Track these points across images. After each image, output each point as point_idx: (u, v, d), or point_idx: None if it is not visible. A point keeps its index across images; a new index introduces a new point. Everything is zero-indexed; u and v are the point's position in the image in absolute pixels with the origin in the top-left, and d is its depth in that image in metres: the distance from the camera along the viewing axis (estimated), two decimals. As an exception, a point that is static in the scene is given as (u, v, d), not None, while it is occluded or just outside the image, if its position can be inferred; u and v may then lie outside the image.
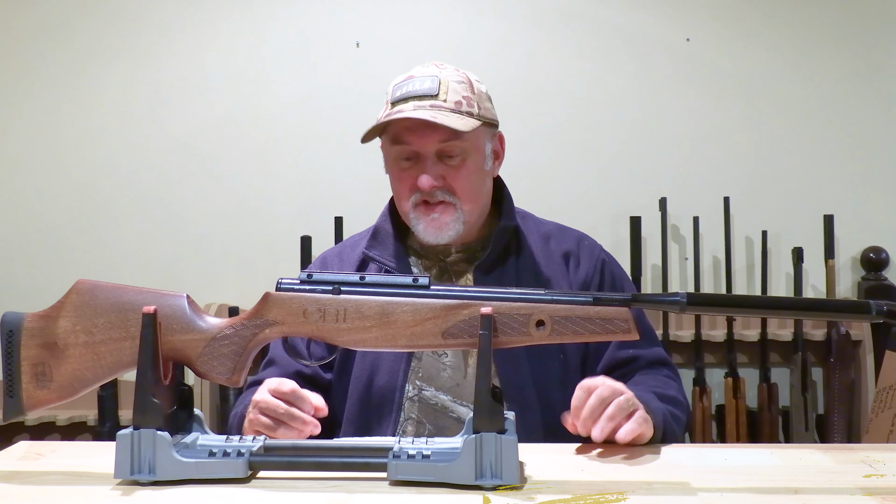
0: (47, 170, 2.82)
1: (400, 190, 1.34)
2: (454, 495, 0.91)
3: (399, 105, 1.29)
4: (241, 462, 0.95)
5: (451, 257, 1.37)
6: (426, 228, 1.31)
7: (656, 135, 2.79)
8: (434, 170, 1.29)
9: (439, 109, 1.27)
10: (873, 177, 2.78)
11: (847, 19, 2.77)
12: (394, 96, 1.31)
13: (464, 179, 1.31)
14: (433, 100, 1.27)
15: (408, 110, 1.27)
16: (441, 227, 1.31)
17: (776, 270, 2.77)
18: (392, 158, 1.34)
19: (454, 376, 1.31)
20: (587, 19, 2.79)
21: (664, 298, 0.97)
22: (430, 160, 1.29)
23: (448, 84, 1.30)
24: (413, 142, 1.29)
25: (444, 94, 1.28)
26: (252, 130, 2.81)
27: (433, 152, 1.29)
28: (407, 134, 1.29)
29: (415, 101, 1.28)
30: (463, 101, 1.29)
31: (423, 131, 1.27)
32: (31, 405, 0.99)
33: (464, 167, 1.31)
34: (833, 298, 2.62)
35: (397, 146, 1.31)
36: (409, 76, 1.32)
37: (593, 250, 1.41)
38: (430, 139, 1.28)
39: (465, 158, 1.31)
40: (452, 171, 1.30)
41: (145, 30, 2.81)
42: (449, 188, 1.30)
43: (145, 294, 0.99)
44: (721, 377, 2.69)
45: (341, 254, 1.45)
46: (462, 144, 1.29)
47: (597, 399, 1.09)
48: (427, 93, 1.28)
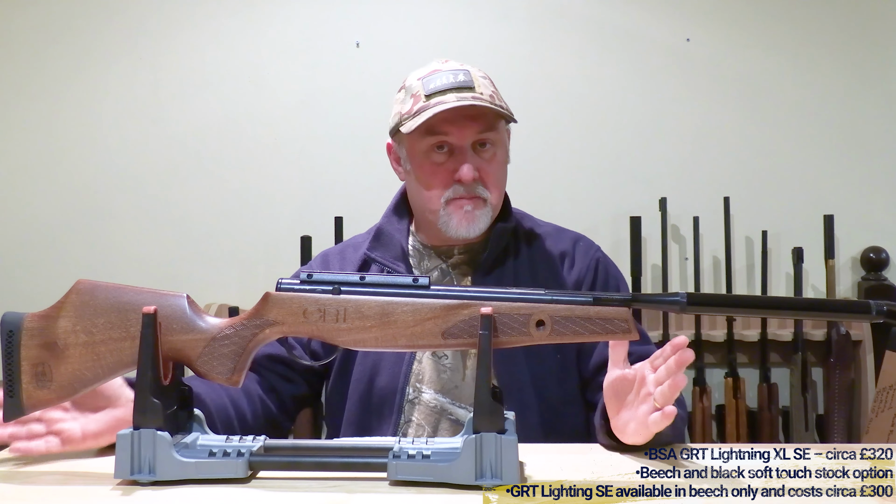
0: (47, 170, 2.82)
1: (434, 183, 1.31)
2: (454, 495, 0.91)
3: (438, 96, 1.27)
4: (241, 462, 0.95)
5: (454, 258, 1.37)
6: (459, 222, 1.30)
7: (656, 135, 2.79)
8: (473, 161, 1.29)
9: (480, 100, 1.26)
10: (873, 177, 2.78)
11: (847, 19, 2.77)
12: (428, 89, 1.28)
13: (494, 172, 1.31)
14: (472, 91, 1.27)
15: (450, 101, 1.25)
16: (473, 220, 1.30)
17: (776, 270, 2.77)
18: (422, 152, 1.30)
19: (453, 378, 1.31)
20: (587, 19, 2.79)
21: (664, 298, 0.97)
22: (467, 152, 1.28)
23: (478, 78, 1.30)
24: (452, 132, 1.27)
25: (479, 86, 1.28)
26: (252, 130, 2.81)
27: (469, 144, 1.29)
28: (445, 125, 1.27)
29: (455, 92, 1.26)
30: (493, 93, 1.30)
31: (462, 122, 1.26)
32: (31, 405, 0.99)
33: (494, 160, 1.31)
34: (833, 298, 2.63)
35: (432, 137, 1.28)
36: (435, 70, 1.31)
37: (588, 250, 1.40)
38: (470, 129, 1.27)
39: (496, 151, 1.31)
40: (485, 164, 1.30)
41: (145, 30, 2.81)
42: (482, 181, 1.30)
43: (145, 294, 0.99)
44: (721, 377, 2.69)
45: (343, 252, 1.44)
46: (495, 136, 1.30)
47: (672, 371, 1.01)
48: (465, 84, 1.27)
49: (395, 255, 1.37)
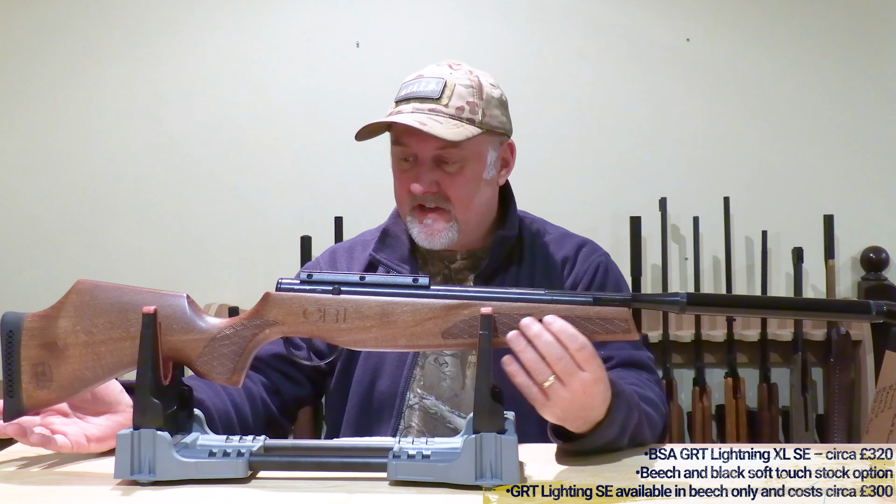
0: (47, 170, 2.83)
1: (398, 191, 1.33)
2: (454, 495, 0.91)
3: (401, 105, 1.27)
4: (241, 462, 0.95)
5: (456, 263, 1.36)
6: (419, 233, 1.30)
7: (656, 135, 2.79)
8: (429, 175, 1.27)
9: (437, 114, 1.24)
10: (873, 177, 2.78)
11: (847, 19, 2.78)
12: (399, 95, 1.29)
13: (459, 187, 1.28)
14: (434, 103, 1.24)
15: (406, 112, 1.25)
16: (433, 233, 1.29)
17: (776, 270, 2.77)
18: (395, 158, 1.32)
19: (453, 386, 1.30)
20: (587, 19, 2.80)
21: (664, 298, 0.97)
22: (426, 165, 1.27)
23: (454, 88, 1.26)
24: (411, 144, 1.27)
25: (448, 98, 1.25)
26: (252, 130, 2.81)
27: (430, 157, 1.27)
28: (405, 136, 1.27)
29: (416, 102, 1.25)
30: (466, 106, 1.25)
31: (420, 135, 1.24)
32: (31, 405, 0.99)
33: (460, 175, 1.28)
34: (833, 298, 2.63)
35: (398, 147, 1.29)
36: (419, 75, 1.30)
37: (591, 255, 1.38)
38: (428, 144, 1.25)
39: (463, 166, 1.27)
40: (448, 178, 1.27)
41: (145, 30, 2.82)
42: (444, 195, 1.28)
43: (145, 294, 0.99)
44: (721, 377, 2.69)
45: (352, 250, 1.43)
46: (460, 152, 1.26)
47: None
48: (429, 95, 1.25)
49: (401, 256, 1.37)
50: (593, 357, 0.96)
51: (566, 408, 0.96)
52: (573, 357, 0.94)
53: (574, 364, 0.94)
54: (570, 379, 0.94)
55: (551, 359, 0.94)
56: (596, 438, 1.03)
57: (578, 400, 0.96)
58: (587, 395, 0.97)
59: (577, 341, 0.94)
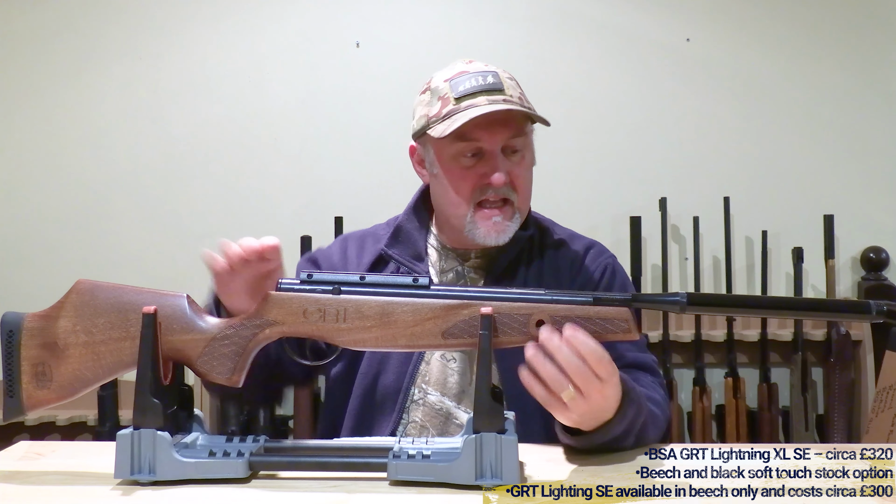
0: (47, 170, 2.83)
1: (463, 189, 1.28)
2: (454, 495, 0.91)
3: (468, 100, 1.25)
4: (241, 462, 0.95)
5: (471, 261, 1.36)
6: (488, 232, 1.27)
7: (656, 135, 2.79)
8: (503, 166, 1.27)
9: (511, 103, 1.24)
10: (873, 177, 2.78)
11: (847, 19, 2.78)
12: (457, 91, 1.26)
13: (524, 176, 1.30)
14: (502, 94, 1.25)
15: (482, 105, 1.23)
16: (502, 230, 1.28)
17: (776, 270, 2.77)
18: (451, 156, 1.28)
19: (460, 382, 1.30)
20: (587, 19, 2.80)
21: (664, 298, 0.97)
22: (498, 156, 1.26)
23: (505, 80, 1.28)
24: (483, 137, 1.25)
25: (508, 88, 1.27)
26: (252, 130, 2.81)
27: (499, 148, 1.27)
28: (476, 130, 1.24)
29: (485, 95, 1.24)
30: (522, 95, 1.29)
31: (493, 127, 1.24)
32: (31, 405, 0.99)
33: (523, 163, 1.30)
34: (833, 298, 2.63)
35: (462, 143, 1.26)
36: (462, 71, 1.28)
37: (598, 256, 1.39)
38: (501, 135, 1.25)
39: (524, 154, 1.30)
40: (515, 168, 1.28)
41: (145, 30, 2.82)
42: (512, 185, 1.28)
43: (145, 294, 0.99)
44: (721, 377, 2.69)
45: (363, 241, 1.42)
46: (524, 140, 1.29)
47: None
48: (495, 87, 1.26)
49: (414, 254, 1.36)
50: (610, 365, 0.97)
51: (583, 413, 0.98)
52: (593, 370, 0.95)
53: (593, 375, 0.95)
54: (589, 389, 0.96)
55: (571, 371, 0.94)
56: (605, 434, 1.04)
57: (596, 406, 0.98)
58: (604, 401, 0.99)
59: (596, 355, 0.95)
